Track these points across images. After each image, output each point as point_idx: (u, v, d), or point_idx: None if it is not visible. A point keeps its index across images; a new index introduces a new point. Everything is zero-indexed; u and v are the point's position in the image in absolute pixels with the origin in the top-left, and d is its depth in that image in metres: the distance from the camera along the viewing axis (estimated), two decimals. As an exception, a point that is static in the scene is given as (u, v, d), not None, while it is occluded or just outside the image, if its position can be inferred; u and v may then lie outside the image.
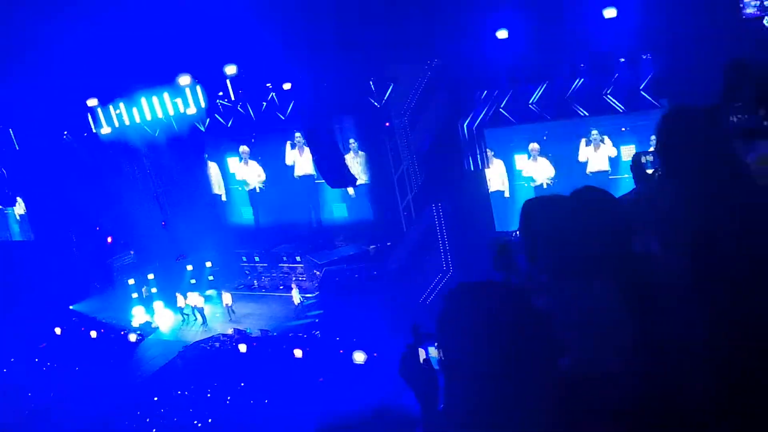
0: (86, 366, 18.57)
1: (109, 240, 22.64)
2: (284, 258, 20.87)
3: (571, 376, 2.39)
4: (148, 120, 19.52)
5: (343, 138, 19.14)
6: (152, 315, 20.36)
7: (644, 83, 14.26)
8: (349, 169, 18.20)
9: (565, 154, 16.15)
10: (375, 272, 17.07)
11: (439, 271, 16.99)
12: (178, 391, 16.47)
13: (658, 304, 2.87)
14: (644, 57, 14.06)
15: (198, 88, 18.57)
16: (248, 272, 21.66)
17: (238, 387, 15.98)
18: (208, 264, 21.72)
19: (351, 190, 19.88)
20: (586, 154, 15.90)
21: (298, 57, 16.57)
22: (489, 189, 16.88)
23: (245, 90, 19.20)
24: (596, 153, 15.76)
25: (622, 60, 14.34)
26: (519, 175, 16.81)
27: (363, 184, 19.66)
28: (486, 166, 16.74)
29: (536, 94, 15.63)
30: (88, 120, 20.08)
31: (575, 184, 3.17)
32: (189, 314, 19.85)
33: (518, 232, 3.18)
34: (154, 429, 15.60)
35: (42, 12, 16.45)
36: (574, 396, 2.35)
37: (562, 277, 2.94)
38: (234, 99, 19.51)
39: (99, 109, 19.77)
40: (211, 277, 21.53)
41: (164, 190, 21.37)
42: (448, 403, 2.49)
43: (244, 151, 21.84)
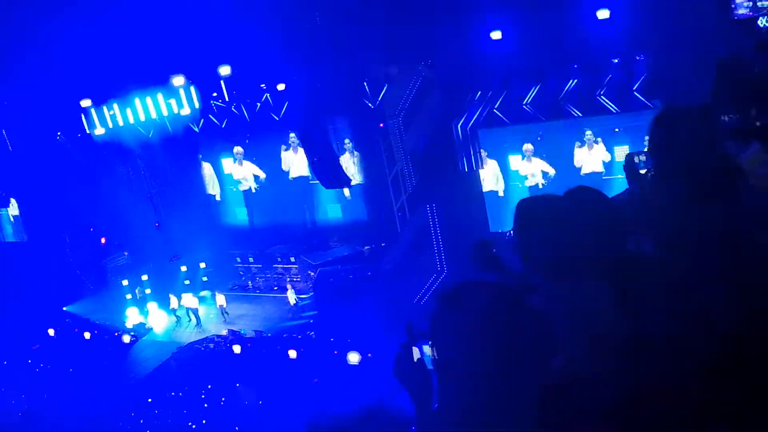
0: (80, 367, 18.51)
1: (103, 241, 22.57)
2: (278, 259, 20.85)
3: (564, 376, 2.40)
4: (142, 121, 19.47)
5: (338, 139, 19.14)
6: (146, 316, 20.31)
7: (637, 84, 14.30)
8: (343, 169, 18.20)
9: (559, 154, 16.19)
10: (369, 273, 17.07)
11: (433, 272, 17.00)
12: (172, 393, 16.43)
13: (651, 304, 2.87)
14: (637, 58, 14.12)
15: (192, 88, 18.54)
16: (242, 273, 21.64)
17: (233, 388, 15.96)
18: (202, 265, 21.68)
19: (347, 192, 19.87)
20: (581, 158, 15.94)
21: (292, 58, 16.58)
22: (483, 189, 16.91)
23: (239, 91, 19.18)
24: (590, 153, 15.79)
25: (615, 61, 14.40)
26: (513, 176, 16.84)
27: (357, 184, 19.67)
28: (480, 167, 16.77)
29: (530, 94, 15.65)
30: (82, 121, 20.02)
31: (569, 185, 3.17)
32: (182, 316, 19.82)
33: (512, 232, 3.19)
34: (148, 430, 15.55)
35: (36, 13, 16.40)
36: (567, 396, 2.35)
37: (555, 276, 2.95)
38: (228, 100, 19.49)
39: (93, 110, 19.71)
40: (205, 278, 21.48)
41: (158, 190, 21.33)
42: (442, 403, 2.49)
43: (238, 152, 21.82)
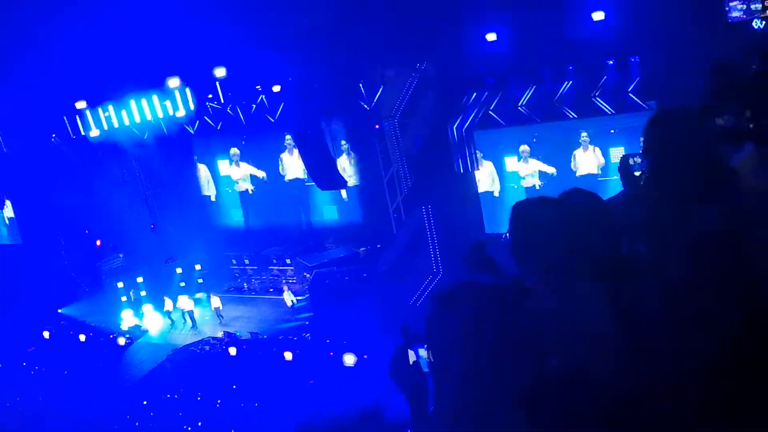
0: (75, 370, 18.45)
1: (98, 243, 22.53)
2: (274, 260, 20.83)
3: (560, 377, 2.40)
4: (137, 122, 19.45)
5: (334, 140, 19.14)
6: (141, 318, 20.27)
7: (632, 85, 14.34)
8: (339, 171, 18.20)
9: (554, 156, 16.21)
10: (365, 274, 17.07)
11: (429, 273, 17.01)
12: (168, 395, 16.39)
13: (645, 305, 2.88)
14: (632, 60, 14.14)
15: (187, 90, 18.53)
16: (238, 275, 21.61)
17: (228, 390, 15.93)
18: (198, 267, 21.63)
19: (344, 193, 19.84)
20: (576, 160, 15.97)
21: (287, 60, 16.57)
22: (478, 190, 16.93)
23: (234, 92, 19.17)
24: (585, 155, 15.82)
25: (611, 62, 14.43)
26: (508, 177, 16.86)
27: (353, 186, 19.66)
28: (476, 168, 16.78)
29: (525, 96, 15.68)
30: (77, 122, 19.98)
31: (564, 186, 3.18)
32: (177, 318, 19.78)
33: (507, 234, 3.20)
34: (144, 433, 15.55)
35: (30, 15, 16.37)
36: (562, 397, 2.35)
37: (550, 279, 2.95)
38: (223, 101, 19.48)
39: (88, 112, 19.67)
40: (200, 280, 21.43)
41: (153, 192, 21.28)
42: (437, 405, 2.49)
43: (234, 154, 21.80)
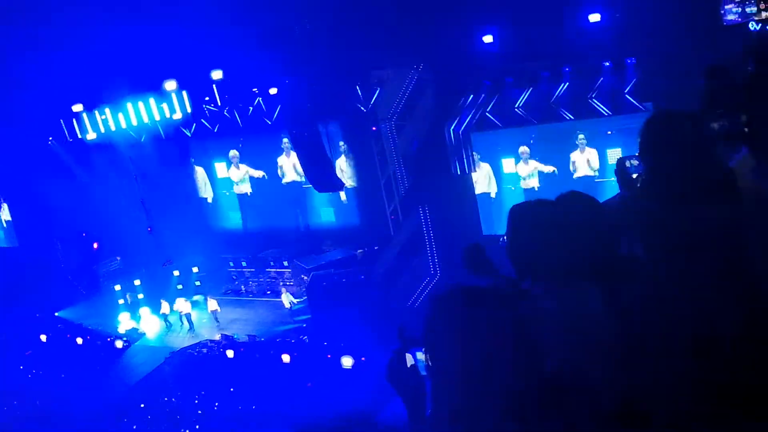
0: (72, 373, 18.42)
1: (95, 246, 22.49)
2: (271, 263, 20.81)
3: (559, 380, 2.41)
4: (134, 125, 19.43)
5: (331, 142, 19.13)
6: (138, 321, 20.23)
7: (628, 87, 14.34)
8: (336, 173, 18.20)
9: (551, 157, 16.21)
10: (362, 276, 17.05)
11: (426, 275, 17.02)
12: (165, 398, 16.37)
13: (642, 307, 2.89)
14: (628, 61, 14.16)
15: (184, 93, 18.51)
16: (235, 277, 21.59)
17: (226, 393, 15.91)
18: (195, 269, 21.60)
19: (343, 194, 19.81)
20: (573, 161, 15.98)
21: (284, 62, 16.57)
22: (475, 192, 16.93)
23: (231, 95, 19.15)
24: (582, 156, 15.84)
25: (607, 64, 14.43)
26: (506, 178, 16.87)
27: (350, 188, 19.65)
28: (473, 170, 16.79)
29: (522, 98, 15.69)
30: (74, 125, 19.95)
31: (562, 188, 3.19)
32: (174, 321, 19.75)
33: (505, 237, 3.20)
34: (141, 436, 15.52)
35: (26, 19, 16.36)
36: (561, 401, 2.36)
37: (548, 281, 2.96)
38: (220, 104, 19.46)
39: (84, 115, 19.65)
40: (197, 283, 21.40)
41: (150, 195, 21.23)
42: (435, 408, 2.49)
43: (234, 156, 21.77)
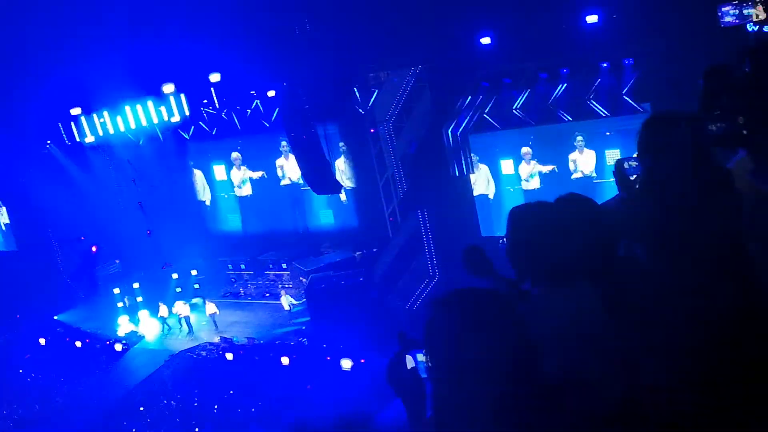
0: (72, 376, 18.41)
1: (94, 249, 22.47)
2: (270, 265, 20.80)
3: (560, 382, 2.41)
4: (132, 128, 19.43)
5: (329, 145, 19.11)
6: (137, 324, 20.21)
7: (626, 88, 14.36)
8: (334, 175, 18.19)
9: (550, 158, 16.22)
10: (361, 278, 17.03)
11: (425, 277, 17.02)
12: (165, 401, 16.36)
13: (641, 309, 2.89)
14: (625, 62, 14.17)
15: (182, 96, 18.52)
16: (234, 280, 21.57)
17: (226, 395, 15.90)
18: (194, 272, 21.58)
19: (343, 195, 19.79)
20: (572, 163, 15.99)
21: (282, 64, 16.58)
22: (474, 193, 16.93)
23: (229, 97, 19.16)
24: (581, 157, 15.85)
25: (604, 65, 14.45)
26: (504, 180, 16.87)
27: (349, 190, 19.64)
28: (471, 172, 16.79)
29: (520, 99, 15.69)
30: (72, 129, 19.95)
31: (561, 189, 3.20)
32: (173, 324, 19.72)
33: (505, 239, 3.21)
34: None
35: (25, 21, 16.36)
36: (562, 403, 2.36)
37: (548, 282, 2.97)
38: (218, 106, 19.47)
39: (83, 118, 19.65)
40: (196, 286, 21.38)
41: (149, 198, 21.22)
42: (435, 409, 2.49)
43: (236, 158, 21.74)
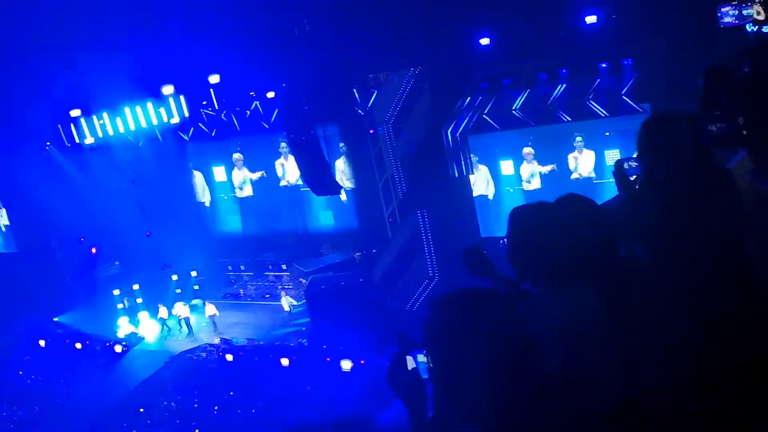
0: (71, 378, 18.39)
1: (94, 251, 22.45)
2: (270, 266, 20.80)
3: (560, 382, 2.41)
4: (131, 130, 19.41)
5: (329, 146, 19.10)
6: (137, 325, 20.20)
7: (625, 88, 14.37)
8: (334, 176, 18.19)
9: (550, 159, 16.23)
10: (361, 279, 17.02)
11: (425, 278, 17.02)
12: (165, 402, 16.36)
13: (642, 309, 2.90)
14: (625, 62, 14.19)
15: (181, 97, 18.51)
16: (234, 281, 21.57)
17: (226, 397, 15.90)
18: (194, 273, 21.57)
19: (343, 195, 19.79)
20: (571, 163, 16.00)
21: (281, 65, 16.58)
22: (473, 194, 16.94)
23: (229, 99, 19.16)
24: (580, 158, 15.86)
25: (604, 65, 14.46)
26: (504, 180, 16.88)
27: (348, 191, 19.65)
28: (470, 172, 16.80)
29: (519, 100, 15.70)
30: (71, 130, 19.93)
31: (561, 189, 3.21)
32: (173, 325, 19.71)
33: (505, 240, 3.21)
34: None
35: (24, 22, 16.35)
36: (562, 403, 2.36)
37: (548, 283, 2.97)
38: (218, 108, 19.46)
39: (82, 120, 19.63)
40: (196, 287, 21.38)
41: (149, 199, 21.21)
42: (436, 411, 2.49)
43: (238, 159, 21.75)
